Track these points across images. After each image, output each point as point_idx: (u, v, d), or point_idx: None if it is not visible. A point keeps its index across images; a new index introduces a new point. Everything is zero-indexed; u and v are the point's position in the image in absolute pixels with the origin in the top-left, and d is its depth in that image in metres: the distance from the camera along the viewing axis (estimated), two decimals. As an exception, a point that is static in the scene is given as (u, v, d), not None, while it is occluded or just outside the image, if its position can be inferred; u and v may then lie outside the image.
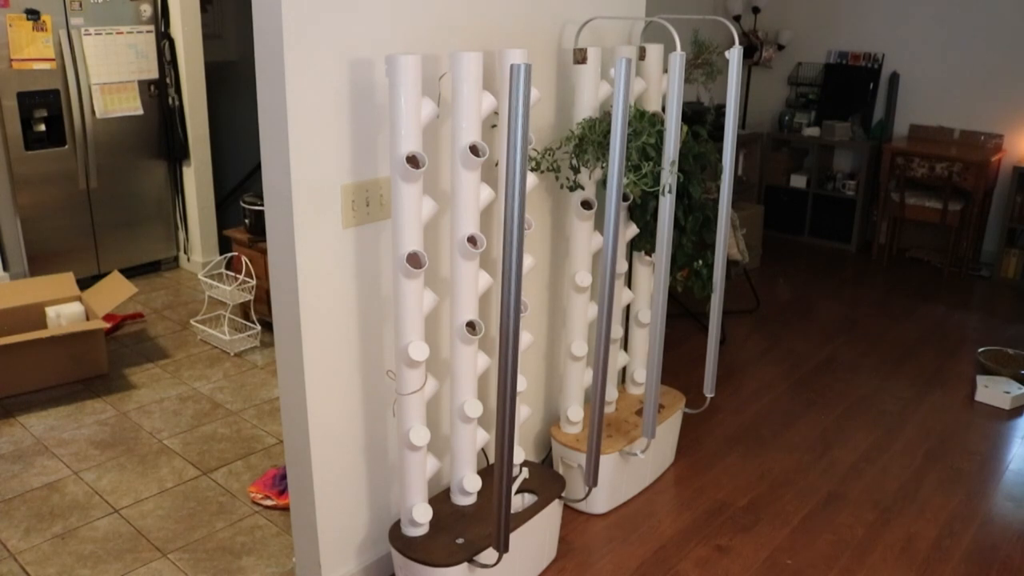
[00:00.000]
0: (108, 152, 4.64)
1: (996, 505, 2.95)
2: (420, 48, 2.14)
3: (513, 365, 1.93)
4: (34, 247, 4.44)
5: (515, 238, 1.83)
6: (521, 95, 1.73)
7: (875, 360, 4.12)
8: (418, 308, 2.10)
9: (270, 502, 2.83)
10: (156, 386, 3.66)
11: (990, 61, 5.33)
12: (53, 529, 2.70)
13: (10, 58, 4.16)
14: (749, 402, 3.67)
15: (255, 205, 3.99)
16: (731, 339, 4.35)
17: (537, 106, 2.57)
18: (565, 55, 2.63)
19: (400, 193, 2.00)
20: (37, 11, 4.19)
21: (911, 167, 5.35)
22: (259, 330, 4.05)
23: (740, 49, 2.59)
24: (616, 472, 2.80)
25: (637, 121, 2.53)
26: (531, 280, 2.76)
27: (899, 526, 2.81)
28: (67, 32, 4.33)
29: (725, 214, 2.79)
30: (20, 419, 3.37)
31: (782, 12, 6.02)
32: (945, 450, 3.31)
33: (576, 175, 2.60)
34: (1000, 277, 5.32)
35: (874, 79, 5.78)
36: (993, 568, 2.61)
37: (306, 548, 2.33)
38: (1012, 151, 5.37)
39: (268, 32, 1.89)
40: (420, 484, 2.25)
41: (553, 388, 3.01)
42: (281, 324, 2.14)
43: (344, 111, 2.02)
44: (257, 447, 3.19)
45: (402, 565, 2.24)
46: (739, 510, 2.88)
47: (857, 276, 5.46)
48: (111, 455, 3.12)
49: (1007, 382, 3.75)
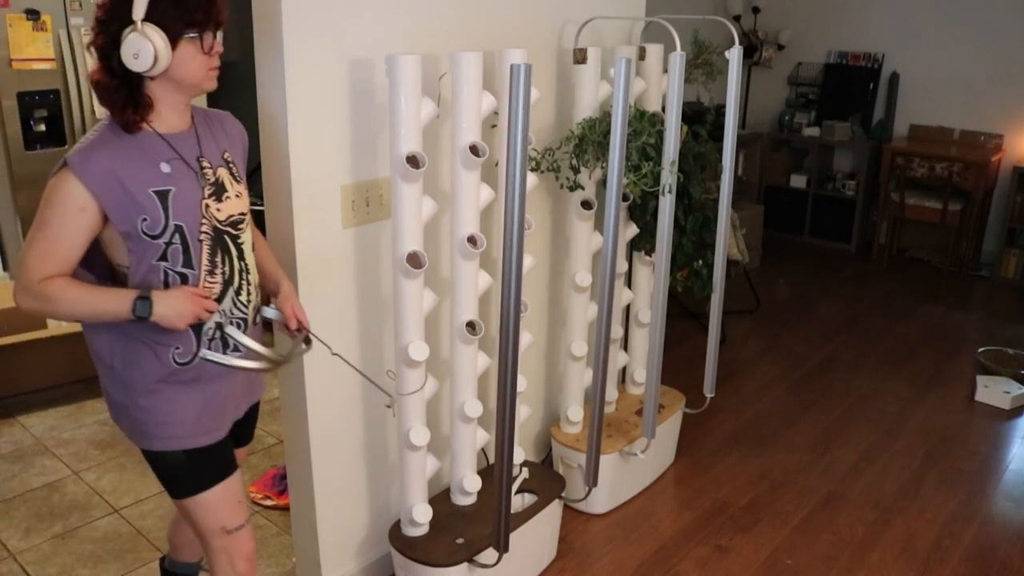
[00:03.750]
0: (108, 152, 4.64)
1: (996, 505, 2.95)
2: (420, 48, 2.14)
3: (513, 365, 1.93)
4: (34, 247, 4.44)
5: (515, 238, 1.83)
6: (521, 95, 1.73)
7: (875, 360, 4.12)
8: (418, 308, 2.10)
9: (270, 502, 2.83)
10: (156, 386, 3.66)
11: (990, 61, 5.33)
12: (53, 529, 2.69)
13: (10, 58, 4.15)
14: (749, 402, 3.67)
15: (255, 205, 3.97)
16: (731, 339, 4.35)
17: (537, 106, 2.57)
18: (565, 55, 2.63)
19: (400, 193, 2.00)
20: (37, 11, 4.19)
21: (911, 167, 5.35)
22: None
23: (740, 49, 2.59)
24: (616, 472, 2.80)
25: (637, 121, 2.53)
26: (531, 280, 2.76)
27: (899, 526, 2.81)
28: (67, 32, 4.32)
29: (725, 214, 2.79)
30: (20, 419, 3.37)
31: (782, 12, 6.02)
32: (945, 450, 3.31)
33: (576, 175, 2.60)
34: (1000, 277, 5.32)
35: (874, 79, 5.78)
36: (993, 568, 2.61)
37: (306, 548, 2.32)
38: (1012, 151, 5.37)
39: (268, 32, 1.89)
40: (420, 484, 2.25)
41: (553, 388, 3.01)
42: (281, 324, 2.14)
43: (344, 111, 2.02)
44: (257, 447, 3.19)
45: (402, 565, 2.24)
46: (739, 510, 2.88)
47: (857, 276, 5.46)
48: (111, 455, 3.12)
49: (1007, 382, 3.75)
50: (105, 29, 1.51)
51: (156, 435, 1.71)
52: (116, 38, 1.49)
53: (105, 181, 1.51)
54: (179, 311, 1.57)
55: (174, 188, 1.58)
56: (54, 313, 1.60)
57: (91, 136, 1.55)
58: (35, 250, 1.56)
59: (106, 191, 1.51)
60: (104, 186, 1.51)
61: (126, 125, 1.55)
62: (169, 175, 1.58)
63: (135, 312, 1.55)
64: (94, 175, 1.51)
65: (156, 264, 1.59)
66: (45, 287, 1.55)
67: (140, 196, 1.54)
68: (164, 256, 1.59)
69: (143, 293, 1.55)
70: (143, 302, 1.55)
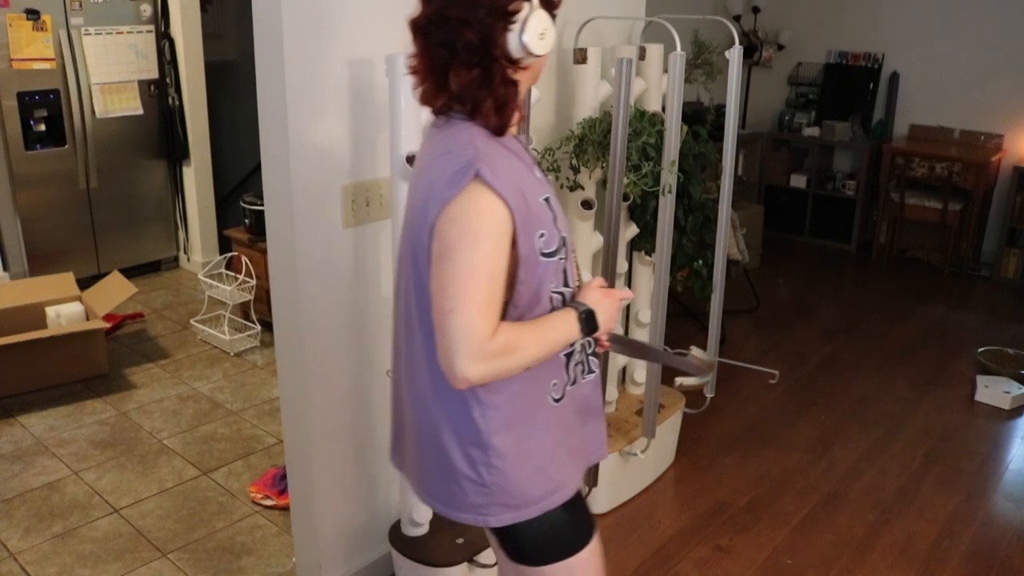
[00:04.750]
0: (108, 152, 4.64)
1: (996, 505, 2.95)
2: (420, 48, 2.14)
3: (513, 365, 1.93)
4: (34, 247, 4.44)
5: (515, 238, 1.83)
6: (521, 95, 1.73)
7: (875, 360, 4.12)
8: (418, 308, 2.10)
9: (270, 502, 2.83)
10: (156, 386, 3.66)
11: (990, 61, 5.33)
12: (53, 529, 2.69)
13: (10, 58, 4.15)
14: (749, 402, 3.67)
15: (255, 205, 3.98)
16: (731, 339, 4.34)
17: (537, 106, 2.57)
18: (565, 55, 2.63)
19: (400, 193, 2.00)
20: (37, 11, 4.19)
21: (911, 167, 5.35)
22: (259, 330, 4.05)
23: (740, 49, 2.59)
24: (616, 472, 2.80)
25: (637, 121, 2.53)
26: (531, 280, 2.75)
27: (899, 526, 2.81)
28: (67, 32, 4.32)
29: (725, 214, 2.79)
30: (20, 419, 3.37)
31: (782, 12, 6.02)
32: (945, 450, 3.30)
33: (576, 175, 2.60)
34: (1000, 277, 5.32)
35: (874, 79, 5.77)
36: (993, 568, 2.61)
37: (306, 548, 2.32)
38: (1012, 151, 5.37)
39: (268, 32, 1.89)
40: (420, 484, 2.25)
41: (553, 388, 3.01)
42: (281, 324, 2.14)
43: (344, 111, 2.02)
44: (257, 447, 3.19)
45: (402, 565, 2.24)
46: (739, 510, 2.88)
47: (857, 276, 5.46)
48: (111, 455, 3.12)
49: (1007, 382, 3.75)
50: (483, 18, 1.23)
51: (536, 497, 1.37)
52: (497, 24, 1.22)
53: (514, 194, 1.22)
54: (609, 313, 1.33)
55: (550, 195, 1.33)
56: (511, 369, 1.27)
57: (462, 139, 1.26)
58: (476, 303, 1.19)
59: (517, 206, 1.23)
60: (515, 200, 1.22)
61: (503, 125, 1.27)
62: (542, 180, 1.34)
63: (584, 329, 1.30)
64: (506, 187, 1.21)
65: (543, 289, 1.30)
66: (497, 342, 1.22)
67: (535, 207, 1.27)
68: (553, 277, 1.31)
69: (574, 305, 1.31)
70: (587, 315, 1.29)
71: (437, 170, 1.25)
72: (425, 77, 1.30)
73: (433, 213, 1.23)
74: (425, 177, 1.29)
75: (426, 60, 1.29)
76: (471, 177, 1.20)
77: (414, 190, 1.34)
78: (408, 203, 1.36)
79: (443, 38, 1.25)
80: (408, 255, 1.34)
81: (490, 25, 1.22)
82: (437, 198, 1.23)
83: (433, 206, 1.24)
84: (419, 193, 1.30)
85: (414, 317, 1.34)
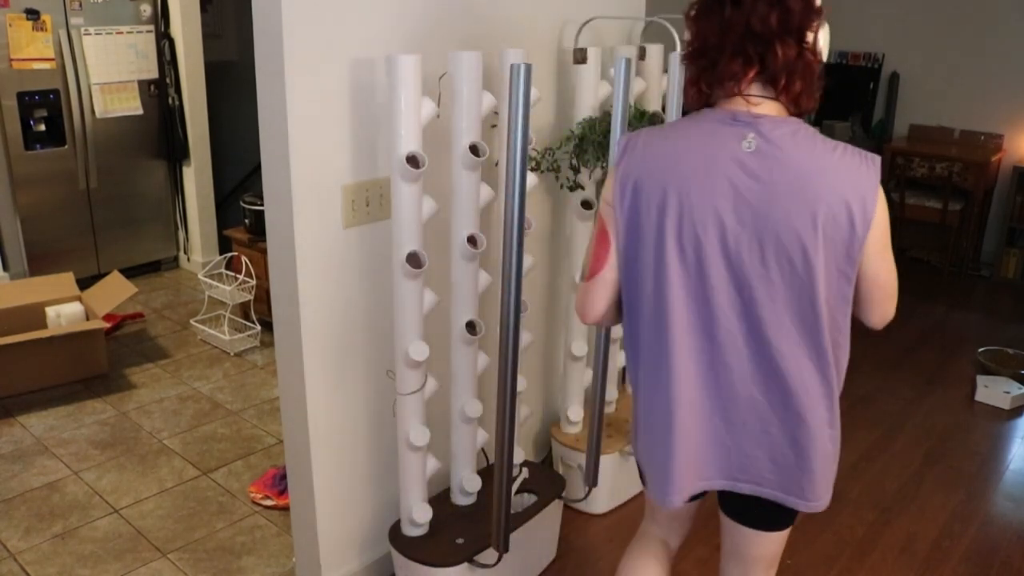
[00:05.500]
0: (108, 152, 4.64)
1: (996, 505, 2.95)
2: (420, 48, 2.14)
3: (513, 365, 1.93)
4: (34, 247, 4.44)
5: (515, 238, 1.83)
6: (521, 95, 1.73)
7: (875, 360, 4.12)
8: (418, 308, 2.10)
9: (270, 502, 2.83)
10: (156, 386, 3.66)
11: (990, 61, 5.33)
12: (53, 529, 2.69)
13: (10, 58, 4.15)
14: (749, 402, 3.67)
15: (255, 205, 3.99)
16: (731, 339, 4.34)
17: (537, 106, 2.57)
18: (565, 55, 2.63)
19: (400, 193, 2.00)
20: (37, 11, 4.19)
21: (911, 167, 5.35)
22: (259, 330, 4.05)
23: (740, 49, 2.58)
24: (616, 472, 2.80)
25: (637, 121, 2.53)
26: (531, 280, 2.76)
27: (899, 526, 2.81)
28: (67, 32, 4.32)
29: (725, 214, 2.78)
30: (20, 419, 3.37)
31: (782, 12, 6.01)
32: (945, 450, 3.30)
33: (576, 175, 2.60)
34: (1000, 277, 5.32)
35: (874, 79, 5.77)
36: (993, 568, 2.61)
37: (306, 548, 2.32)
38: (1012, 151, 5.37)
39: (268, 32, 1.89)
40: (420, 484, 2.25)
41: (553, 388, 3.01)
42: (281, 324, 2.14)
43: (344, 111, 2.02)
44: (257, 447, 3.19)
45: (402, 565, 2.24)
46: (739, 510, 2.88)
47: (857, 276, 5.45)
48: (111, 455, 3.12)
49: (1007, 382, 3.75)
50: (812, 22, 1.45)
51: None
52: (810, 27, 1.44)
53: None
54: None
55: None
56: None
57: (824, 136, 1.47)
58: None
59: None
60: None
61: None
62: None
63: None
64: None
65: None
66: None
67: None
68: None
69: None
70: None
71: (844, 164, 1.40)
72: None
73: (871, 207, 1.41)
74: (826, 176, 1.40)
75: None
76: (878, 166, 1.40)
77: (793, 190, 1.40)
78: (784, 206, 1.41)
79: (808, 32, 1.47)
80: (795, 260, 1.43)
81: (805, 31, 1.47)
82: (869, 192, 1.40)
83: (869, 199, 1.40)
84: (822, 192, 1.39)
85: (803, 319, 1.51)
